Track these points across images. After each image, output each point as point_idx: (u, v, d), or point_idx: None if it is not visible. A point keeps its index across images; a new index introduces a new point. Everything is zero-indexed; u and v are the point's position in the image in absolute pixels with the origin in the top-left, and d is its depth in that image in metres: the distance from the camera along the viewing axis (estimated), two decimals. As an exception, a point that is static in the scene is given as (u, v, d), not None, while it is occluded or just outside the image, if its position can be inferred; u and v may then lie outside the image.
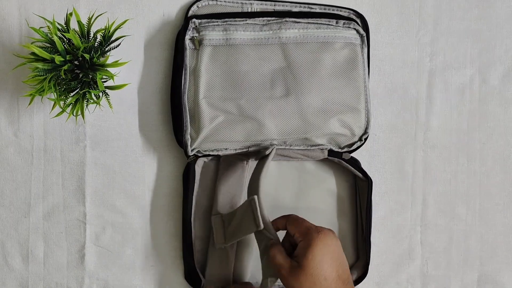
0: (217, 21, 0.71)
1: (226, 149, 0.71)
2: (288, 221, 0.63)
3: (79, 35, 0.64)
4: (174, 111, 0.72)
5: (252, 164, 0.74)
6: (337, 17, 0.73)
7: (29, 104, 0.66)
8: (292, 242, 0.63)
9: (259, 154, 0.72)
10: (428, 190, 0.78)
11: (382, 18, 0.76)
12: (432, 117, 0.77)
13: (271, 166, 0.75)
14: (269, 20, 0.72)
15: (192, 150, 0.70)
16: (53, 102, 0.64)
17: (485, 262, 0.79)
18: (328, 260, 0.58)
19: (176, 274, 0.76)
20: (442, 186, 0.78)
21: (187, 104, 0.70)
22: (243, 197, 0.73)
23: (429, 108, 0.77)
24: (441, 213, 0.78)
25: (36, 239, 0.75)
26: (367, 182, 0.73)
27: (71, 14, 0.64)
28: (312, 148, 0.72)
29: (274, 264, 0.61)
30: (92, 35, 0.66)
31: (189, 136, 0.70)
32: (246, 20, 0.71)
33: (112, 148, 0.75)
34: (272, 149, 0.70)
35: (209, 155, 0.72)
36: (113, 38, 0.66)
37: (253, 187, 0.66)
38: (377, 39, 0.76)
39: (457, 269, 0.79)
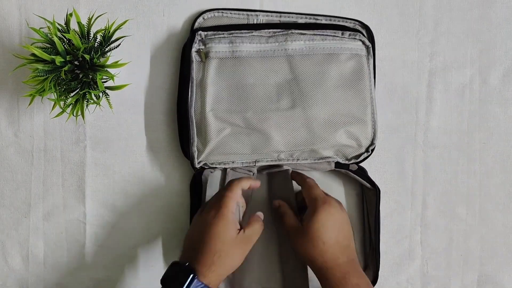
0: (223, 33, 0.71)
1: (233, 162, 0.71)
2: (304, 185, 0.70)
3: (79, 36, 0.64)
4: (181, 123, 0.72)
5: (258, 176, 0.74)
6: (343, 28, 0.73)
7: (29, 104, 0.66)
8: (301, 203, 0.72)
9: (266, 168, 0.72)
10: (428, 190, 0.78)
11: (383, 19, 0.76)
12: (432, 117, 0.77)
13: (278, 178, 0.75)
14: (275, 32, 0.72)
15: (199, 163, 0.71)
16: (53, 103, 0.64)
17: (485, 262, 0.79)
18: (328, 227, 0.65)
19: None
20: (442, 186, 0.78)
21: (194, 117, 0.70)
22: (250, 207, 0.72)
23: (429, 108, 0.77)
24: (441, 214, 0.78)
25: (36, 239, 0.75)
26: (375, 191, 0.73)
27: (71, 14, 0.64)
28: (319, 161, 0.72)
29: (284, 224, 0.69)
30: (92, 35, 0.66)
31: (195, 148, 0.70)
32: (252, 32, 0.71)
33: (112, 148, 0.75)
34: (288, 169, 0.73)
35: (216, 168, 0.72)
36: (113, 39, 0.66)
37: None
38: (378, 39, 0.76)
39: (457, 269, 0.79)
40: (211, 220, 0.64)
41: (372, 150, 0.73)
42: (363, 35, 0.73)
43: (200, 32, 0.71)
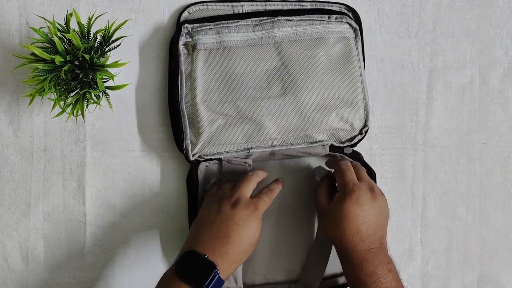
0: (209, 25, 0.71)
1: (227, 152, 0.71)
2: (336, 169, 0.69)
3: (79, 36, 0.64)
4: (173, 117, 0.72)
5: (254, 165, 0.74)
6: (329, 12, 0.73)
7: (29, 104, 0.66)
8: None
9: (260, 156, 0.72)
10: (428, 190, 0.78)
11: (382, 18, 0.76)
12: (432, 117, 0.77)
13: (274, 166, 0.76)
14: (261, 20, 0.72)
15: (193, 155, 0.71)
16: (53, 102, 0.64)
17: (485, 263, 0.79)
18: (352, 217, 0.64)
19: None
20: (442, 186, 0.78)
21: (185, 110, 0.70)
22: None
23: (429, 108, 0.77)
24: (441, 213, 0.78)
25: (36, 239, 0.75)
26: (371, 174, 0.73)
27: (71, 14, 0.65)
28: (313, 145, 0.72)
29: (316, 201, 0.70)
30: (92, 35, 0.66)
31: (189, 141, 0.70)
32: (238, 22, 0.71)
33: (112, 148, 0.75)
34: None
35: (210, 159, 0.72)
36: (113, 39, 0.66)
37: None
38: (377, 39, 0.76)
39: (457, 269, 0.79)
40: (244, 219, 0.63)
41: (366, 132, 0.73)
42: (350, 17, 0.73)
43: (186, 25, 0.71)
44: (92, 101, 0.65)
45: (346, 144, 0.73)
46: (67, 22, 0.64)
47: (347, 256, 0.65)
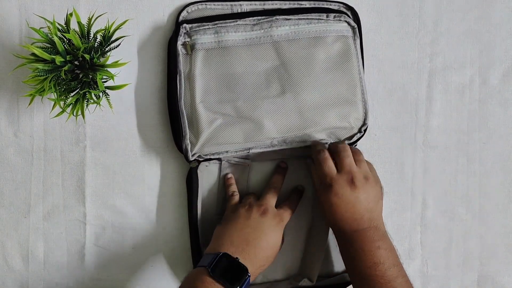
0: (208, 24, 0.71)
1: (227, 151, 0.71)
2: (314, 161, 0.70)
3: (79, 36, 0.64)
4: (172, 117, 0.72)
5: (254, 165, 0.74)
6: (327, 10, 0.73)
7: (29, 104, 0.66)
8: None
9: (260, 155, 0.72)
10: (428, 190, 0.78)
11: (382, 19, 0.76)
12: (432, 117, 0.77)
13: (273, 164, 0.76)
14: (259, 19, 0.72)
15: (192, 155, 0.71)
16: (53, 102, 0.64)
17: (485, 263, 0.79)
18: (335, 207, 0.66)
19: (176, 274, 0.76)
20: (442, 186, 0.78)
21: (184, 110, 0.70)
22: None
23: (429, 108, 0.77)
24: (441, 214, 0.78)
25: (36, 239, 0.75)
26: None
27: (71, 14, 0.64)
28: None
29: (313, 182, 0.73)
30: (92, 35, 0.66)
31: (188, 141, 0.70)
32: (236, 21, 0.71)
33: (112, 148, 0.75)
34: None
35: (210, 159, 0.72)
36: (113, 39, 0.66)
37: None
38: (377, 39, 0.76)
39: (456, 269, 0.79)
40: (272, 227, 0.68)
41: (365, 131, 0.73)
42: (348, 16, 0.73)
43: (184, 25, 0.71)
44: (92, 101, 0.65)
45: (346, 142, 0.73)
46: (67, 22, 0.64)
47: (337, 237, 0.69)
